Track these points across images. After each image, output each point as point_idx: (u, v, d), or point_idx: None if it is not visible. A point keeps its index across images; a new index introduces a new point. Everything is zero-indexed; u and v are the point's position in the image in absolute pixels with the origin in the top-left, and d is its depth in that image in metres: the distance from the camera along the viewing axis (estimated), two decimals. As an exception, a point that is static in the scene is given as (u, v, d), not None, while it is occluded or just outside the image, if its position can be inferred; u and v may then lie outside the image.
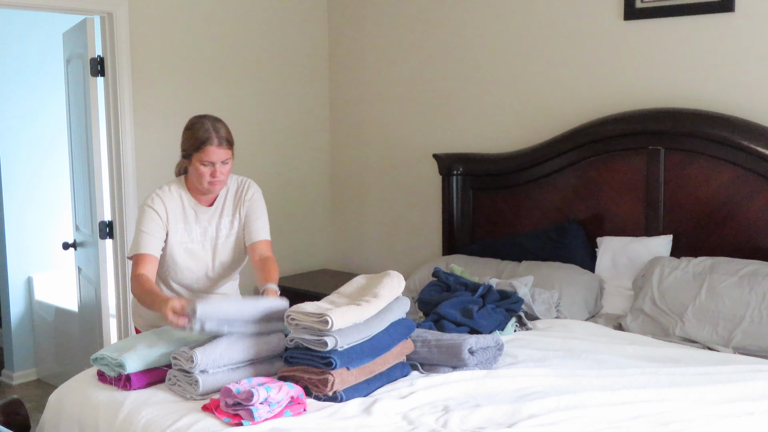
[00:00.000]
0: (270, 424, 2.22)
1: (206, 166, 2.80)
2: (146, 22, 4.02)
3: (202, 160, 2.79)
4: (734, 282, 3.04)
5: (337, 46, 4.83)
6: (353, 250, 4.83)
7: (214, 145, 2.79)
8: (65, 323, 4.89)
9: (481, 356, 2.66)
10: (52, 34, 4.97)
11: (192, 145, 2.81)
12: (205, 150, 2.78)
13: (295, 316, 2.44)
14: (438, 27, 4.32)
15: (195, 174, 2.84)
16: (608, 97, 3.71)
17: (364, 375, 2.46)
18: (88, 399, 2.54)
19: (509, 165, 3.97)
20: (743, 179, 3.31)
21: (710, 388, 2.45)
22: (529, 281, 3.37)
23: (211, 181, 2.83)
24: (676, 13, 3.48)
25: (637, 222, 3.58)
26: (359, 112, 4.76)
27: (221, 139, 2.81)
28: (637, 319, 3.18)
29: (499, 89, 4.11)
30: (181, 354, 2.44)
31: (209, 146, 2.78)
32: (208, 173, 2.81)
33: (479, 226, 4.13)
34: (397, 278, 2.69)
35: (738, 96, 3.36)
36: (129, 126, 3.99)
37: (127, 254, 3.03)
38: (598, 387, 2.47)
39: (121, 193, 4.00)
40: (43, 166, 5.18)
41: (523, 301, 3.21)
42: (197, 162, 2.81)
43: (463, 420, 2.25)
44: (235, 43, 4.41)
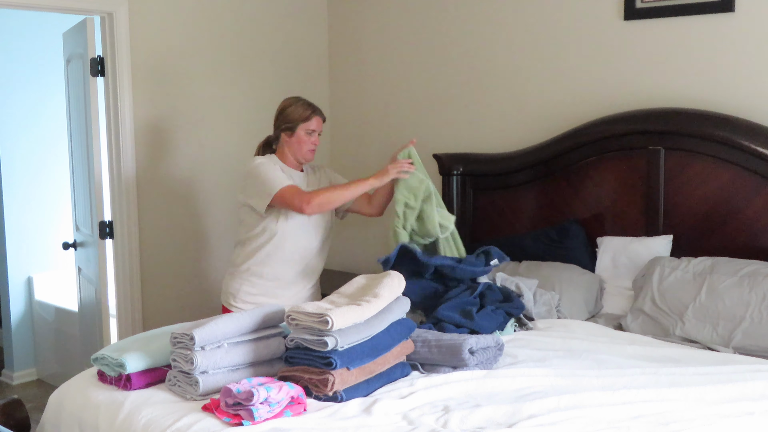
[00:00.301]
0: (270, 424, 2.22)
1: (310, 135, 3.31)
2: (146, 22, 4.02)
3: (308, 129, 3.30)
4: (734, 282, 3.04)
5: (337, 46, 4.83)
6: (353, 250, 4.83)
7: (318, 114, 3.33)
8: (65, 323, 4.89)
9: (481, 356, 2.66)
10: (52, 34, 4.97)
11: (300, 117, 3.29)
12: (313, 120, 3.30)
13: (295, 316, 2.44)
14: (438, 27, 4.32)
15: (296, 144, 3.31)
16: (608, 97, 3.71)
17: (365, 375, 2.46)
18: (88, 399, 2.54)
19: (509, 165, 3.97)
20: (743, 179, 3.31)
21: (710, 388, 2.45)
22: (533, 285, 3.37)
23: (311, 148, 3.33)
24: (676, 13, 3.48)
25: (637, 222, 3.58)
26: (359, 112, 4.75)
27: (321, 112, 3.36)
28: (637, 319, 3.18)
29: (500, 89, 4.11)
30: (181, 355, 2.44)
31: (316, 116, 3.32)
32: (310, 141, 3.31)
33: (479, 226, 4.13)
34: (397, 278, 2.70)
35: (738, 96, 3.36)
36: (129, 126, 3.99)
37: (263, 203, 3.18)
38: (598, 387, 2.47)
39: (121, 193, 4.00)
40: (43, 166, 5.19)
41: (524, 308, 3.20)
42: (302, 131, 3.29)
43: (463, 420, 2.25)
44: (235, 43, 4.41)
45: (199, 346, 2.40)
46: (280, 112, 3.35)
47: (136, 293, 4.07)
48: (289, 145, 3.33)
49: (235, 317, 2.53)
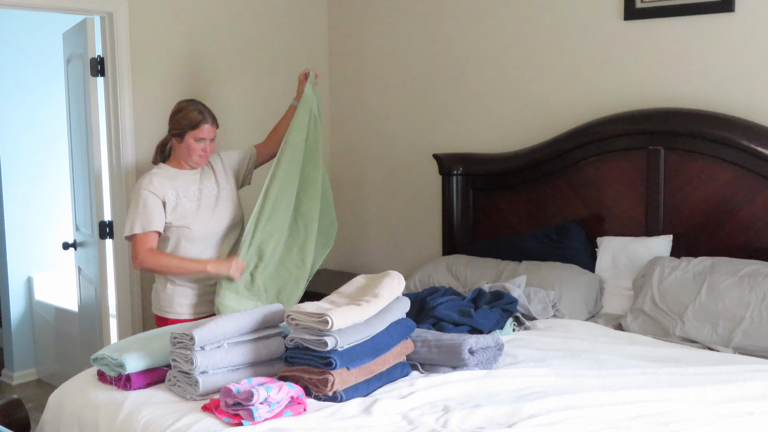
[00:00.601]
0: (270, 424, 2.22)
1: (199, 142, 3.28)
2: (146, 22, 4.02)
3: (196, 137, 3.26)
4: (734, 282, 3.04)
5: (337, 46, 4.83)
6: (353, 250, 4.83)
7: (208, 123, 3.28)
8: (65, 323, 4.89)
9: (481, 356, 2.66)
10: (52, 34, 4.97)
11: (188, 124, 3.26)
12: (201, 128, 3.26)
13: (295, 316, 2.44)
14: (438, 27, 4.32)
15: (186, 150, 3.30)
16: (608, 97, 3.71)
17: (364, 375, 2.46)
18: (88, 399, 2.54)
19: (509, 165, 3.97)
20: (743, 179, 3.31)
21: (710, 388, 2.45)
22: (521, 281, 3.37)
23: (201, 155, 3.31)
24: (676, 13, 3.48)
25: (637, 222, 3.58)
26: (359, 112, 4.76)
27: (212, 118, 3.31)
28: (637, 319, 3.18)
29: (499, 89, 4.11)
30: (181, 355, 2.44)
31: (204, 124, 3.27)
32: (200, 148, 3.29)
33: (479, 226, 4.13)
34: (397, 278, 2.70)
35: (738, 96, 3.36)
36: (129, 126, 3.98)
37: (124, 233, 3.28)
38: (598, 387, 2.47)
39: (121, 193, 4.00)
40: (43, 166, 5.19)
41: (517, 302, 3.21)
42: (191, 139, 3.27)
43: (463, 420, 2.25)
44: (234, 43, 4.41)
45: (198, 346, 2.41)
46: (172, 114, 3.35)
47: (136, 293, 4.07)
48: (179, 150, 3.33)
49: (235, 317, 2.54)
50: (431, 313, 3.05)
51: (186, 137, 3.27)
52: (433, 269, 3.84)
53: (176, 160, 3.37)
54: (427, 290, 3.37)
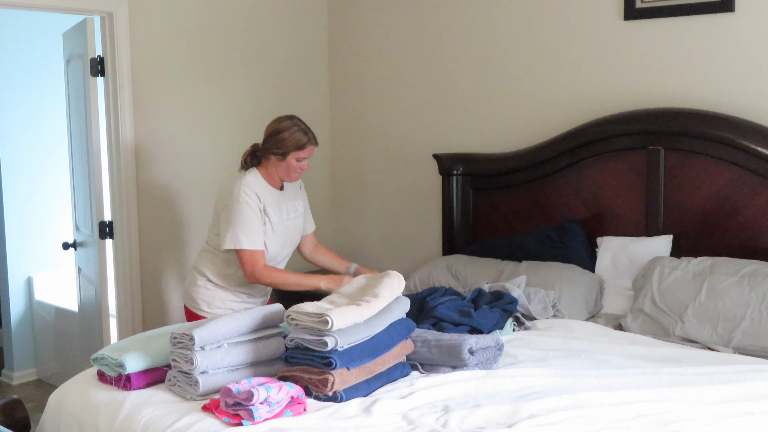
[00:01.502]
0: (270, 424, 2.22)
1: (300, 162, 3.22)
2: (146, 22, 4.02)
3: (299, 157, 3.20)
4: (734, 282, 3.04)
5: (337, 46, 4.83)
6: (353, 250, 4.83)
7: (313, 144, 3.24)
8: (65, 323, 4.89)
9: (481, 356, 2.66)
10: (52, 34, 4.97)
11: (294, 145, 3.18)
12: (308, 149, 3.22)
13: (295, 316, 2.44)
14: (438, 27, 4.32)
15: (284, 168, 3.23)
16: (608, 97, 3.71)
17: (364, 375, 2.46)
18: (88, 399, 2.54)
19: (509, 165, 3.97)
20: (743, 179, 3.31)
21: (710, 388, 2.45)
22: (521, 281, 3.36)
23: (299, 173, 3.26)
24: (676, 13, 3.48)
25: (637, 222, 3.58)
26: (359, 112, 4.75)
27: (315, 138, 3.26)
28: (637, 319, 3.18)
29: (500, 89, 4.11)
30: (181, 355, 2.44)
31: (311, 145, 3.22)
32: (299, 168, 3.23)
33: (479, 226, 4.13)
34: (397, 278, 2.70)
35: (738, 96, 3.36)
36: (129, 126, 3.98)
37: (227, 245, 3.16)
38: (598, 387, 2.47)
39: (121, 193, 4.00)
40: (44, 166, 5.19)
41: (517, 301, 3.20)
42: (293, 158, 3.20)
43: (463, 420, 2.25)
44: (234, 43, 4.41)
45: (198, 346, 2.41)
46: (274, 133, 3.22)
47: (136, 293, 4.07)
48: (276, 168, 3.25)
49: (235, 317, 2.54)
50: (431, 313, 3.05)
51: (289, 156, 3.19)
52: (433, 269, 3.84)
53: (268, 173, 3.27)
54: (427, 290, 3.36)
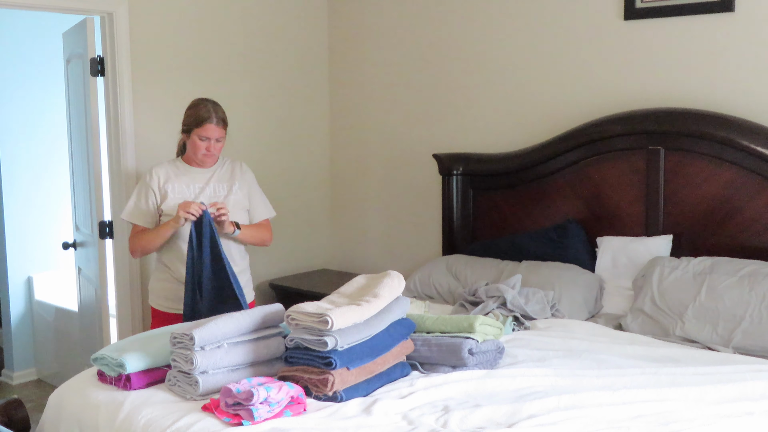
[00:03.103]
0: (270, 424, 2.22)
1: (203, 141, 3.27)
2: (146, 22, 4.02)
3: (200, 135, 3.26)
4: (734, 282, 3.04)
5: (337, 46, 4.83)
6: (353, 250, 4.83)
7: (213, 123, 3.26)
8: (65, 323, 4.89)
9: (480, 357, 2.66)
10: (52, 34, 4.97)
11: (193, 121, 3.27)
12: (205, 127, 3.25)
13: (295, 316, 2.44)
14: (438, 27, 4.33)
15: (192, 147, 3.31)
16: (608, 97, 3.71)
17: (364, 375, 2.46)
18: (88, 399, 2.54)
19: (509, 165, 3.97)
20: (743, 179, 3.31)
21: (710, 388, 2.45)
22: (516, 281, 3.35)
23: (206, 153, 3.30)
24: (676, 13, 3.48)
25: (637, 222, 3.58)
26: (359, 112, 4.76)
27: (218, 119, 3.28)
28: (637, 319, 3.18)
29: (499, 89, 4.11)
30: (181, 355, 2.44)
31: (208, 123, 3.26)
32: (203, 147, 3.28)
33: (479, 226, 4.14)
34: (397, 278, 2.69)
35: (738, 96, 3.36)
36: (129, 126, 3.99)
37: (122, 215, 3.42)
38: (598, 387, 2.47)
39: (121, 193, 4.00)
40: (44, 166, 5.19)
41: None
42: (196, 136, 3.27)
43: (463, 420, 2.25)
44: (235, 43, 4.41)
45: (198, 346, 2.41)
46: (186, 111, 3.35)
47: (136, 293, 4.07)
48: (188, 146, 3.35)
49: (235, 317, 2.53)
50: None
51: (192, 134, 3.29)
52: (433, 269, 3.84)
53: (188, 155, 3.41)
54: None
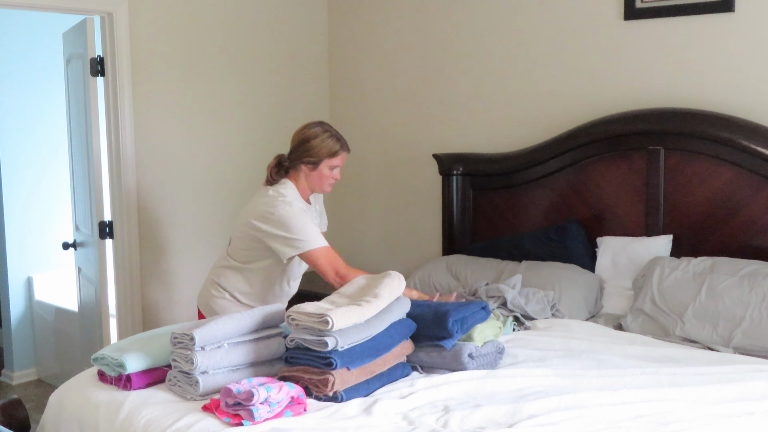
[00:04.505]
0: (270, 424, 2.22)
1: (333, 170, 3.09)
2: (146, 22, 4.02)
3: (332, 165, 3.07)
4: (734, 282, 3.04)
5: (337, 46, 4.83)
6: (353, 250, 4.83)
7: (346, 151, 3.11)
8: (65, 323, 4.89)
9: (481, 361, 2.66)
10: (52, 34, 4.97)
11: (327, 152, 3.04)
12: (341, 156, 3.08)
13: (295, 317, 2.44)
14: (438, 27, 4.33)
15: (317, 177, 3.08)
16: (608, 97, 3.71)
17: (365, 375, 2.46)
18: (88, 399, 2.54)
19: (509, 165, 3.97)
20: (743, 179, 3.31)
21: (710, 388, 2.45)
22: (517, 281, 3.35)
23: (332, 182, 3.13)
24: (676, 13, 3.48)
25: (637, 222, 3.58)
26: (359, 112, 4.76)
27: (347, 145, 3.12)
28: (637, 319, 3.18)
29: (499, 89, 4.11)
30: (181, 355, 2.44)
31: (344, 152, 3.09)
32: (332, 176, 3.10)
33: (479, 226, 4.14)
34: (397, 278, 2.69)
35: (738, 96, 3.36)
36: (129, 126, 3.99)
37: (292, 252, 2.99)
38: (598, 387, 2.47)
39: (121, 193, 4.00)
40: (44, 166, 5.19)
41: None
42: (326, 167, 3.06)
43: (464, 420, 2.25)
44: (235, 43, 4.41)
45: (199, 346, 2.41)
46: (304, 140, 3.05)
47: (136, 293, 4.07)
48: (308, 178, 3.09)
49: (235, 317, 2.53)
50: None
51: (321, 165, 3.04)
52: (433, 269, 3.84)
53: (299, 186, 3.11)
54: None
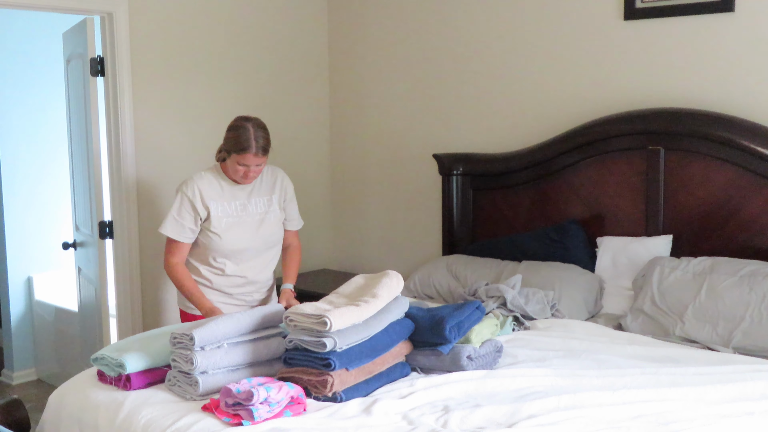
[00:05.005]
0: (270, 424, 2.22)
1: (242, 166, 3.18)
2: (146, 22, 4.02)
3: (239, 161, 3.17)
4: (734, 282, 3.04)
5: (337, 46, 4.83)
6: (353, 250, 4.83)
7: (251, 153, 3.14)
8: (65, 323, 4.89)
9: (480, 362, 2.66)
10: (52, 34, 4.97)
11: (233, 147, 3.17)
12: (244, 156, 3.15)
13: (293, 318, 2.44)
14: (438, 27, 4.32)
15: (231, 168, 3.22)
16: (608, 97, 3.71)
17: (364, 375, 2.46)
18: (88, 399, 2.54)
19: (509, 165, 3.97)
20: (743, 179, 3.31)
21: (710, 388, 2.45)
22: (517, 281, 3.35)
23: (244, 177, 3.22)
24: (676, 13, 3.48)
25: (637, 222, 3.58)
26: (359, 112, 4.76)
27: (259, 148, 3.16)
28: (637, 319, 3.18)
29: (499, 89, 4.11)
30: (181, 355, 2.44)
31: (248, 153, 3.14)
32: (242, 171, 3.20)
33: (479, 226, 4.13)
34: (396, 278, 2.69)
35: (738, 96, 3.36)
36: (129, 126, 3.99)
37: (159, 228, 3.27)
38: (598, 387, 2.47)
39: (121, 193, 4.00)
40: (44, 166, 5.19)
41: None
42: (234, 161, 3.18)
43: (463, 420, 2.25)
44: (235, 43, 4.41)
45: (198, 346, 2.41)
46: (228, 129, 3.24)
47: (136, 293, 4.07)
48: (228, 164, 3.25)
49: (234, 317, 2.54)
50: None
51: (231, 157, 3.19)
52: (433, 269, 3.84)
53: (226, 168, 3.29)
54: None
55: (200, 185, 3.24)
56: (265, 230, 3.35)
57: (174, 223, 3.23)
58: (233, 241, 3.27)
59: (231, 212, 3.28)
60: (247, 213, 3.31)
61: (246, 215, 3.31)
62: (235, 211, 3.28)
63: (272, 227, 3.38)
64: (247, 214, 3.31)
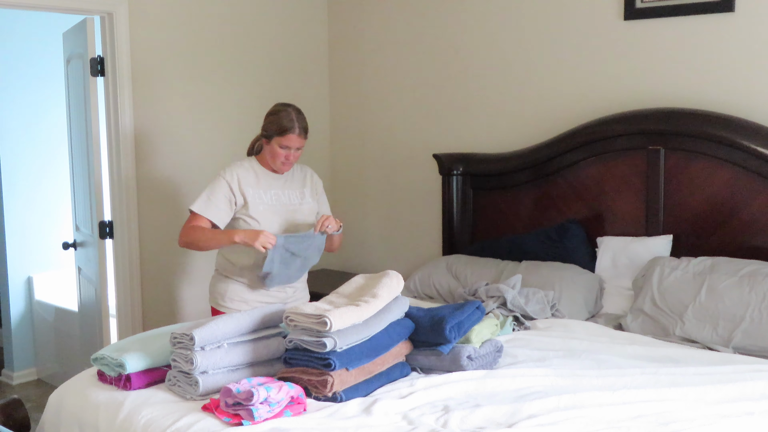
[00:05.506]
0: (270, 424, 2.22)
1: (284, 149, 3.22)
2: (146, 22, 4.02)
3: (281, 143, 3.21)
4: (734, 282, 3.04)
5: (337, 46, 4.83)
6: (353, 250, 4.83)
7: (295, 133, 3.20)
8: (65, 323, 4.89)
9: (480, 362, 2.66)
10: (52, 34, 4.97)
11: (276, 130, 3.21)
12: (288, 137, 3.19)
13: (293, 318, 2.44)
14: (438, 27, 4.33)
15: (271, 154, 3.26)
16: (608, 97, 3.71)
17: (364, 375, 2.46)
18: (88, 399, 2.54)
19: (509, 165, 3.97)
20: (743, 179, 3.31)
21: (710, 388, 2.45)
22: (517, 281, 3.35)
23: (284, 162, 3.26)
24: (676, 13, 3.48)
25: (637, 222, 3.58)
26: (359, 112, 4.76)
27: (301, 129, 3.23)
28: (637, 319, 3.18)
29: (499, 89, 4.11)
30: (181, 355, 2.44)
31: (291, 134, 3.19)
32: (283, 155, 3.23)
33: (479, 226, 4.14)
34: (396, 278, 2.69)
35: (738, 96, 3.36)
36: (129, 126, 3.99)
37: (192, 206, 3.24)
38: (598, 387, 2.47)
39: (121, 193, 4.00)
40: (44, 166, 5.19)
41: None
42: (276, 144, 3.21)
43: (463, 420, 2.25)
44: (235, 43, 4.41)
45: (199, 346, 2.41)
46: (267, 114, 3.30)
47: (136, 293, 4.07)
48: (265, 151, 3.30)
49: (235, 317, 2.54)
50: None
51: (272, 141, 3.22)
52: (433, 269, 3.84)
53: (263, 158, 3.34)
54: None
55: (239, 172, 3.28)
56: (299, 219, 3.39)
57: (205, 200, 3.23)
58: (270, 227, 3.28)
59: (267, 200, 3.31)
60: (281, 203, 3.34)
61: (280, 205, 3.34)
62: (270, 199, 3.32)
63: (305, 217, 3.40)
64: (281, 204, 3.34)
